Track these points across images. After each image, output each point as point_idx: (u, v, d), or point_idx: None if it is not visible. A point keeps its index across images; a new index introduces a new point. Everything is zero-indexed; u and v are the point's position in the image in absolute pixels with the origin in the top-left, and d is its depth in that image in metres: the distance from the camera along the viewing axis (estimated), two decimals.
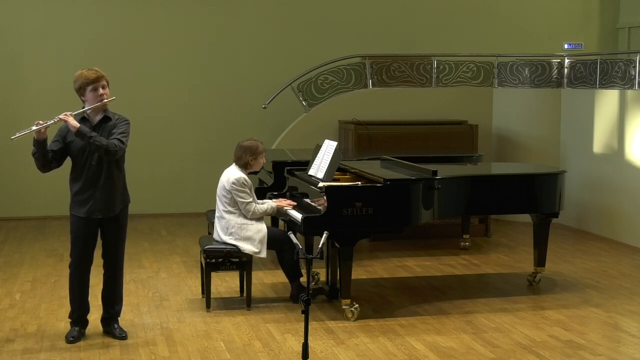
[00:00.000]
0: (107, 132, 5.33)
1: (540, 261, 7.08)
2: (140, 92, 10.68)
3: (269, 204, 6.44)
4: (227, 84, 10.97)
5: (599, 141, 9.46)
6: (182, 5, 10.83)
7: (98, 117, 5.38)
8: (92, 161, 5.32)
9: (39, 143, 5.21)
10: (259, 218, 6.33)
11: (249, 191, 6.28)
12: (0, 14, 10.30)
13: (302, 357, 4.28)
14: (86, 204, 5.37)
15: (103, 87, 5.34)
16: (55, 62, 10.44)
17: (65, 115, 5.22)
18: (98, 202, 5.37)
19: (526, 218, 8.17)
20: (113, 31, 10.60)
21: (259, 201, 6.47)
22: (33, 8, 10.36)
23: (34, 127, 5.14)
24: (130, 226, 9.66)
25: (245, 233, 6.24)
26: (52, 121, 5.21)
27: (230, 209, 6.27)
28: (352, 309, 6.04)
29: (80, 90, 5.34)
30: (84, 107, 5.37)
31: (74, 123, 5.20)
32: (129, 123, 5.44)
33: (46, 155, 5.28)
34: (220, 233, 6.33)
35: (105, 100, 5.34)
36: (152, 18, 10.74)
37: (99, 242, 5.55)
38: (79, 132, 5.19)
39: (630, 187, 8.89)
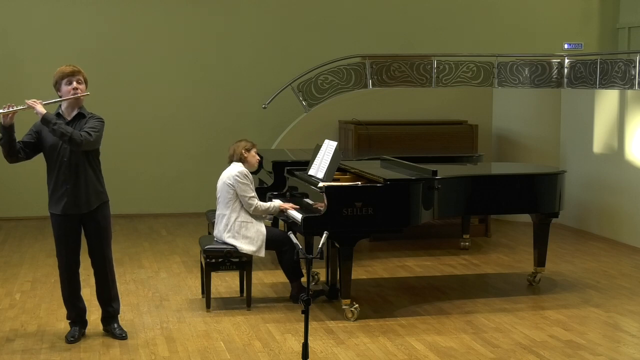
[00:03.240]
0: (79, 128, 5.29)
1: (540, 261, 7.09)
2: (140, 92, 10.69)
3: (272, 203, 6.44)
4: (227, 84, 10.97)
5: (599, 141, 9.46)
6: (182, 6, 10.83)
7: (73, 113, 5.36)
8: (64, 157, 5.30)
9: (5, 129, 5.16)
10: (259, 218, 6.33)
11: (251, 185, 6.30)
12: (1, 15, 10.31)
13: (302, 357, 4.28)
14: (61, 201, 5.36)
15: (78, 82, 5.32)
16: (55, 62, 10.33)
17: (34, 101, 5.18)
18: (73, 198, 5.34)
19: (526, 218, 8.17)
20: (113, 31, 10.60)
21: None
22: (34, 8, 10.36)
23: (2, 110, 5.09)
24: (130, 226, 9.82)
25: (244, 232, 6.24)
26: (21, 107, 5.17)
27: (231, 205, 6.27)
28: (352, 309, 6.04)
29: (57, 85, 5.35)
30: (59, 105, 5.36)
31: (40, 109, 5.15)
32: (102, 122, 5.39)
33: (12, 144, 5.24)
34: (220, 232, 6.33)
35: (79, 94, 5.31)
36: (152, 18, 10.75)
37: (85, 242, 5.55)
38: (44, 119, 5.15)
39: (630, 187, 8.89)
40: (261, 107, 10.12)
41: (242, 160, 6.40)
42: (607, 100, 9.35)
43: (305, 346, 4.27)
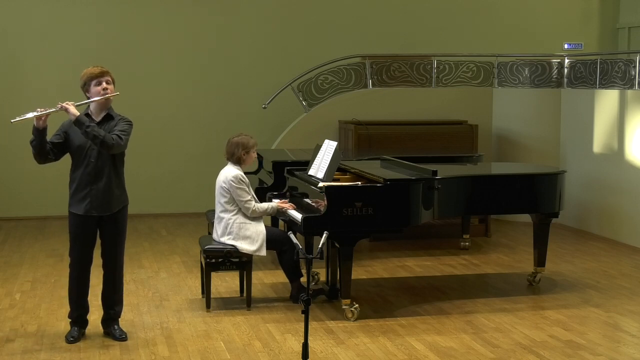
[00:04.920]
0: (108, 129, 5.33)
1: (540, 261, 7.08)
2: (140, 92, 10.68)
3: (269, 204, 6.45)
4: (227, 84, 10.97)
5: (599, 141, 9.46)
6: (182, 6, 10.83)
7: (101, 115, 5.38)
8: (90, 158, 5.32)
9: (38, 132, 5.19)
10: (258, 218, 6.33)
11: (247, 189, 6.28)
12: (1, 15, 10.31)
13: (302, 357, 4.28)
14: (83, 201, 5.36)
15: (107, 82, 5.34)
16: (55, 62, 10.45)
17: (67, 103, 5.20)
18: (95, 200, 5.35)
19: (526, 218, 8.17)
20: (113, 31, 10.60)
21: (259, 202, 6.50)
22: (34, 8, 10.36)
23: (35, 113, 5.12)
24: (130, 226, 9.65)
25: (244, 232, 6.24)
26: (53, 109, 5.20)
27: (228, 208, 6.27)
28: (352, 309, 6.04)
29: (85, 87, 5.36)
30: (87, 106, 5.38)
31: (73, 111, 5.18)
32: (131, 124, 5.46)
33: (44, 145, 5.25)
34: (219, 233, 6.33)
35: (109, 95, 5.34)
36: (152, 18, 10.75)
37: (99, 242, 5.56)
38: (77, 121, 5.17)
39: (630, 187, 8.89)
40: (261, 107, 10.12)
41: (239, 161, 6.38)
42: (607, 100, 9.35)
43: (305, 346, 4.27)
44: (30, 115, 5.14)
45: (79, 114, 5.19)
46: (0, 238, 9.21)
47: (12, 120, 5.21)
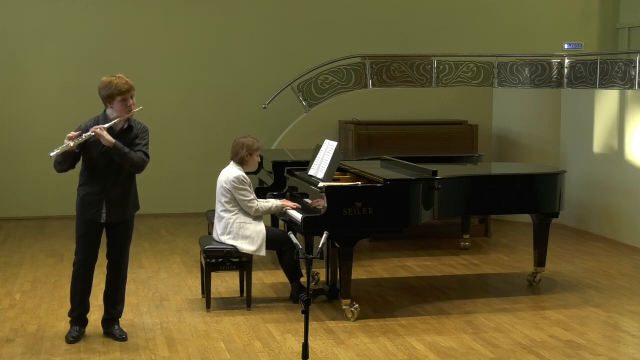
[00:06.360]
0: (129, 140, 5.38)
1: (540, 261, 7.09)
2: (140, 92, 10.46)
3: (273, 202, 6.45)
4: (227, 84, 10.97)
5: (599, 141, 9.46)
6: (182, 6, 10.82)
7: (121, 125, 5.41)
8: (109, 169, 5.35)
9: (67, 154, 5.24)
10: (258, 218, 6.34)
11: (249, 188, 6.29)
12: (0, 15, 10.30)
13: (302, 357, 4.28)
14: (93, 208, 5.39)
15: (132, 97, 5.39)
16: (55, 62, 10.45)
17: (100, 129, 5.20)
18: (106, 208, 5.39)
19: (526, 218, 8.17)
20: (113, 31, 10.60)
21: (262, 200, 6.49)
22: (34, 8, 10.36)
23: (71, 143, 5.15)
24: None
25: (244, 232, 6.24)
26: (85, 136, 5.21)
27: (228, 207, 6.28)
28: (352, 309, 6.04)
29: (109, 99, 5.35)
30: (105, 111, 5.40)
31: (109, 138, 5.21)
32: (149, 132, 5.52)
33: (69, 163, 5.32)
34: (219, 232, 6.33)
35: (134, 110, 5.40)
36: (151, 18, 10.74)
37: (104, 241, 5.57)
38: (114, 148, 5.21)
39: (630, 187, 8.89)
40: (261, 107, 10.12)
41: (242, 162, 6.39)
42: (607, 100, 9.35)
43: (305, 346, 4.27)
44: (66, 146, 5.15)
45: (114, 141, 5.22)
46: (0, 238, 9.20)
47: (50, 154, 5.22)
